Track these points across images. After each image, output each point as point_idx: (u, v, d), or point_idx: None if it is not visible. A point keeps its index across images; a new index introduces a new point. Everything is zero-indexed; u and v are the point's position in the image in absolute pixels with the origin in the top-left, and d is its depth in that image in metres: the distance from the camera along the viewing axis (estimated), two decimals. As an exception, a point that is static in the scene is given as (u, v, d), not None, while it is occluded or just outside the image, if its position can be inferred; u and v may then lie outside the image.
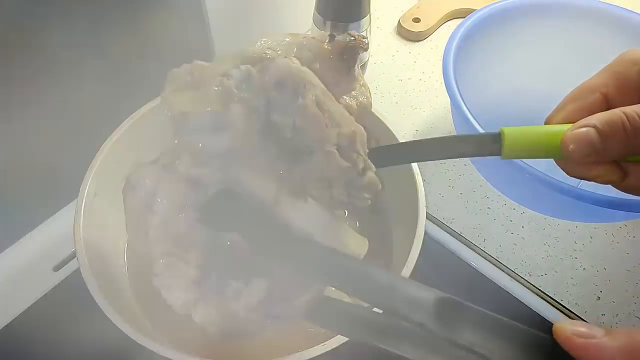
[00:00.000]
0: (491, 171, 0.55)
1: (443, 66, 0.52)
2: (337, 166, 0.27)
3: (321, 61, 0.30)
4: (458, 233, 0.58)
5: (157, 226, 0.29)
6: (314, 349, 0.35)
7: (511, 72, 0.62)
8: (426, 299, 0.25)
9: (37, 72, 0.47)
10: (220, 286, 0.29)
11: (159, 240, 0.29)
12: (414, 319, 0.25)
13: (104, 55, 0.52)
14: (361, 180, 0.28)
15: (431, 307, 0.25)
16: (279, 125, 0.28)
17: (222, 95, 0.28)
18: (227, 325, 0.28)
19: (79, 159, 0.45)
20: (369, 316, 0.29)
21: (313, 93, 0.27)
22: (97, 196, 0.44)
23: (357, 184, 0.28)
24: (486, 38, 0.58)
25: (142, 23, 0.53)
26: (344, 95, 0.32)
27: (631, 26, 0.57)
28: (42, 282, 0.52)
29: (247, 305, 0.28)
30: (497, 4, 0.59)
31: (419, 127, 0.69)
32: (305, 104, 0.27)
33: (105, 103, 0.54)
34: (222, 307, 0.28)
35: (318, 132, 0.27)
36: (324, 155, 0.27)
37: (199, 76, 0.30)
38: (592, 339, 0.22)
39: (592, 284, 0.55)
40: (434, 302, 0.25)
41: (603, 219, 0.57)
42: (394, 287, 0.27)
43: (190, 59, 0.31)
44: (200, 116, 0.29)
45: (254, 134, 0.28)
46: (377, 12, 0.83)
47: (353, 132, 0.28)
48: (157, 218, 0.29)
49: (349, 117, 0.29)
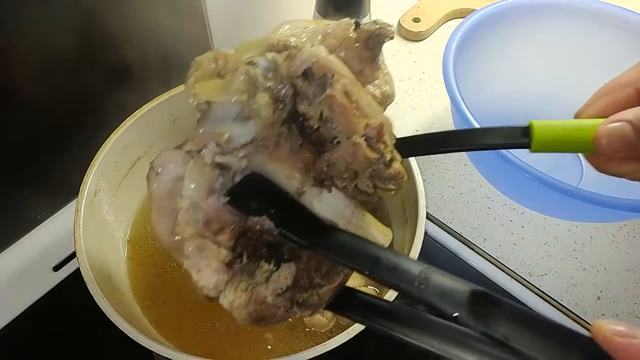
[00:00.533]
0: (492, 172, 0.55)
1: (443, 66, 0.52)
2: (364, 157, 0.27)
3: (346, 49, 0.30)
4: (458, 233, 0.58)
5: (187, 209, 0.29)
6: (314, 349, 0.35)
7: (511, 71, 0.62)
8: (460, 291, 0.25)
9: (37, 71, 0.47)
10: (251, 269, 0.29)
11: (189, 222, 0.28)
12: (447, 311, 0.24)
13: (104, 55, 0.52)
14: (387, 171, 0.28)
15: (465, 300, 0.24)
16: (305, 115, 0.28)
17: (247, 84, 0.28)
18: (254, 311, 0.28)
19: (79, 158, 0.45)
20: (392, 308, 0.28)
21: (341, 83, 0.27)
22: (97, 196, 0.44)
23: (383, 175, 0.28)
24: (486, 38, 0.58)
25: (142, 23, 0.53)
26: (367, 84, 0.31)
27: (630, 26, 0.57)
28: (42, 282, 0.52)
29: (275, 289, 0.28)
30: (497, 4, 0.59)
31: (419, 127, 0.69)
32: (333, 95, 0.27)
33: (106, 103, 0.54)
34: (251, 291, 0.28)
35: (346, 123, 0.27)
36: (350, 146, 0.27)
37: (223, 64, 0.29)
38: (633, 338, 0.21)
39: (592, 284, 0.55)
40: (468, 295, 0.25)
41: (602, 219, 0.57)
42: (427, 278, 0.26)
43: (190, 58, 0.30)
44: (225, 105, 0.28)
45: (279, 124, 0.28)
46: (377, 12, 0.83)
47: (381, 124, 0.28)
48: (186, 201, 0.29)
49: (377, 107, 0.29)
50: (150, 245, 0.49)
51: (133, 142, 0.48)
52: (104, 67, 0.52)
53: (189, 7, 0.58)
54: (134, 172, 0.50)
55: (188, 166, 0.29)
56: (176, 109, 0.51)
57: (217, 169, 0.29)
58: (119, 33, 0.52)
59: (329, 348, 0.35)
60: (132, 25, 0.53)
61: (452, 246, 0.58)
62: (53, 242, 0.55)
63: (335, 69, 0.27)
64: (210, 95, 0.29)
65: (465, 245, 0.58)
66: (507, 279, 0.55)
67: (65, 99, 0.50)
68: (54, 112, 0.50)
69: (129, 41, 0.53)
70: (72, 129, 0.53)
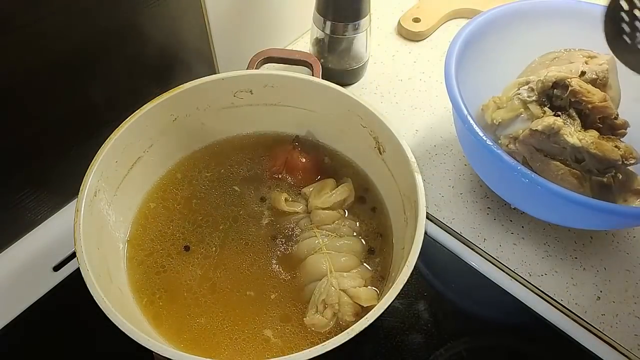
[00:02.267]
0: (490, 177, 0.55)
1: (445, 70, 0.52)
2: (602, 112, 0.51)
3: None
4: (458, 233, 0.58)
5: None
6: (314, 349, 0.35)
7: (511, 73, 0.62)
8: None
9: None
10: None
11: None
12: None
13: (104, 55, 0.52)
14: (616, 123, 0.51)
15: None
16: (559, 106, 0.52)
17: (521, 103, 0.53)
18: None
19: (79, 158, 0.45)
20: None
21: (575, 82, 0.51)
22: (97, 196, 0.44)
23: (613, 124, 0.52)
24: (487, 41, 0.58)
25: (142, 23, 0.53)
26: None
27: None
28: (42, 282, 0.52)
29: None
30: (498, 8, 0.59)
31: (418, 127, 0.69)
32: (574, 88, 0.51)
33: (105, 103, 0.54)
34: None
35: (585, 99, 0.50)
36: (595, 109, 0.51)
37: (498, 102, 0.55)
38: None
39: (592, 284, 0.55)
40: None
41: (601, 226, 0.56)
42: None
43: (190, 58, 0.31)
44: (511, 119, 0.53)
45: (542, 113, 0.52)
46: (377, 12, 0.83)
47: (604, 96, 0.51)
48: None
49: (599, 92, 0.51)
50: (150, 245, 0.49)
51: (133, 142, 0.48)
52: (104, 67, 0.52)
53: (189, 7, 0.58)
54: (134, 172, 0.50)
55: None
56: (176, 109, 0.51)
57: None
58: (118, 33, 0.52)
59: (329, 348, 0.35)
60: (132, 26, 0.53)
61: (452, 246, 0.58)
62: (53, 242, 0.55)
63: (566, 76, 0.51)
64: (502, 116, 0.54)
65: (465, 245, 0.58)
66: (507, 279, 0.55)
67: (65, 99, 0.50)
68: (54, 112, 0.50)
69: (129, 41, 0.53)
70: (72, 129, 0.53)
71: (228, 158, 0.56)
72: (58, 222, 0.57)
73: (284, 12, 0.73)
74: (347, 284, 0.45)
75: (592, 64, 0.53)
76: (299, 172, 0.55)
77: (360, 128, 0.52)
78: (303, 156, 0.55)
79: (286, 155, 0.55)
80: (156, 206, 0.52)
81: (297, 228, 0.51)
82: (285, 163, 0.55)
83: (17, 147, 0.49)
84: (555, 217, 0.54)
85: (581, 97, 0.50)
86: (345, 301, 0.44)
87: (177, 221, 0.51)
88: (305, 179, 0.54)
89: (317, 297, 0.45)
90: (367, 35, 0.68)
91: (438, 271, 0.56)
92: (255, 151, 0.57)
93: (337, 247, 0.48)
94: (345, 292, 0.45)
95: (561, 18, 0.60)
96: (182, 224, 0.51)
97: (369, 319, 0.36)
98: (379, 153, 0.51)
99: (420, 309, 0.52)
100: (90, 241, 0.41)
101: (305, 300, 0.46)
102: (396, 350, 0.49)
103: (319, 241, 0.48)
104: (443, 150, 0.66)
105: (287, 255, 0.49)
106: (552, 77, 0.51)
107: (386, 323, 0.51)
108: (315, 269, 0.46)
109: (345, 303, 0.44)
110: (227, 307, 0.46)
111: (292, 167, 0.55)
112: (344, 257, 0.47)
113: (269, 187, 0.54)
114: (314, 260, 0.47)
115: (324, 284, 0.45)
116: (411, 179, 0.45)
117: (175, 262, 0.48)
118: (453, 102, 0.50)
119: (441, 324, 0.51)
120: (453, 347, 0.50)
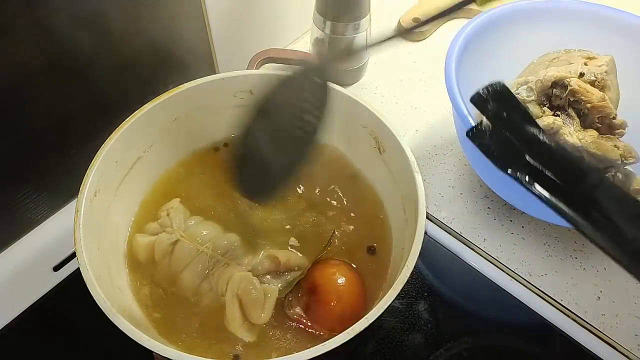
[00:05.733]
0: (490, 177, 0.55)
1: (445, 71, 0.52)
2: (599, 112, 0.52)
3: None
4: (458, 233, 0.58)
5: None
6: (314, 348, 0.35)
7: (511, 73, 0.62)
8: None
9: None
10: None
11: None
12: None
13: (104, 54, 0.52)
14: (614, 122, 0.52)
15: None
16: (557, 105, 0.53)
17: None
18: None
19: (79, 158, 0.45)
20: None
21: (574, 81, 0.52)
22: (97, 196, 0.44)
23: (611, 123, 0.52)
24: (487, 41, 0.58)
25: (142, 23, 0.53)
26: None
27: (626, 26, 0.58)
28: (42, 282, 0.52)
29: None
30: (498, 8, 0.59)
31: (418, 127, 0.69)
32: (573, 88, 0.52)
33: (105, 102, 0.54)
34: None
35: (584, 98, 0.51)
36: (593, 109, 0.52)
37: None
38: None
39: (592, 284, 0.55)
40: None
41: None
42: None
43: (190, 58, 0.31)
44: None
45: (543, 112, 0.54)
46: (377, 12, 0.83)
47: (603, 96, 0.52)
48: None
49: (597, 92, 0.52)
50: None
51: (133, 142, 0.48)
52: (104, 67, 0.52)
53: (188, 7, 0.58)
54: (134, 172, 0.50)
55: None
56: (176, 109, 0.51)
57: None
58: (118, 33, 0.52)
59: (329, 348, 0.35)
60: (131, 25, 0.53)
61: (452, 246, 0.58)
62: (53, 242, 0.55)
63: (565, 76, 0.52)
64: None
65: (465, 245, 0.58)
66: (507, 279, 0.55)
67: (65, 99, 0.50)
68: (54, 112, 0.50)
69: (129, 41, 0.53)
70: (72, 129, 0.53)
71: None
72: (58, 222, 0.57)
73: (284, 12, 0.73)
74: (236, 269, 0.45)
75: (591, 65, 0.53)
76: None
77: (360, 128, 0.52)
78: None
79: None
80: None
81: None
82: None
83: (17, 147, 0.49)
84: (555, 217, 0.54)
85: (580, 96, 0.50)
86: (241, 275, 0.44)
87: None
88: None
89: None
90: (367, 35, 0.68)
91: (438, 271, 0.56)
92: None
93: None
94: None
95: (561, 18, 0.61)
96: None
97: (369, 319, 0.36)
98: (379, 153, 0.51)
99: (420, 309, 0.53)
100: (90, 241, 0.41)
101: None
102: (396, 350, 0.49)
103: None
104: (443, 150, 0.66)
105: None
106: (551, 76, 0.52)
107: (386, 323, 0.51)
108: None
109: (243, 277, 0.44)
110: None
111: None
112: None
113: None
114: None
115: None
116: (411, 179, 0.45)
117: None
118: (453, 102, 0.50)
119: (441, 324, 0.51)
120: (453, 347, 0.50)
